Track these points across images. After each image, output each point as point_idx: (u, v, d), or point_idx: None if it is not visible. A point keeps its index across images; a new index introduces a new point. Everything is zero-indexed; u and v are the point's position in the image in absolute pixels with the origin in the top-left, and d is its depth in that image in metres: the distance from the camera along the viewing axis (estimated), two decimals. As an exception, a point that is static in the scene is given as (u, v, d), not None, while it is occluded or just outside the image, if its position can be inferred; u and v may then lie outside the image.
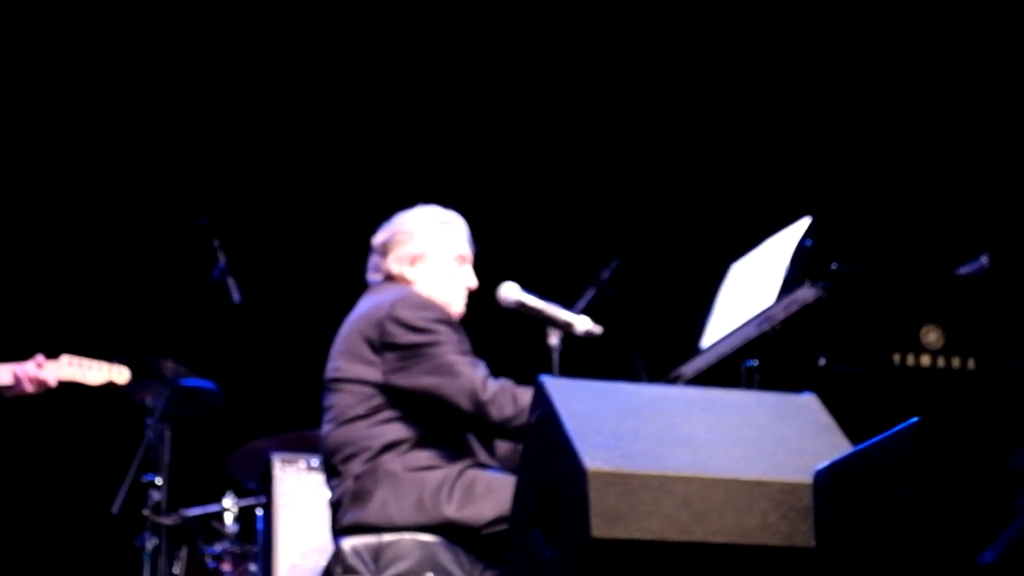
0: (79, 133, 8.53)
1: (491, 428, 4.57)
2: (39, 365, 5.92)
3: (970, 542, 2.78)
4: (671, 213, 8.82)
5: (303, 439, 6.85)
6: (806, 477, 3.40)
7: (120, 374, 6.27)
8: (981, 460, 2.84)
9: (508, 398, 4.50)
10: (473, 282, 4.92)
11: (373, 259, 4.93)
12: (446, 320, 4.67)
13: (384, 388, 4.60)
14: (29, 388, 5.90)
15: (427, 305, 4.67)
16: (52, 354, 6.07)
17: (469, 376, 4.54)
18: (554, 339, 4.83)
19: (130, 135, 8.58)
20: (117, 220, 8.49)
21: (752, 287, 4.89)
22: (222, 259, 6.94)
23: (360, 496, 4.53)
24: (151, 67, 8.57)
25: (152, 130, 8.61)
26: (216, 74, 8.68)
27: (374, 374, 4.61)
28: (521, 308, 4.90)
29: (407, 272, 4.84)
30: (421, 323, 4.61)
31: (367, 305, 4.77)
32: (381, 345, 4.61)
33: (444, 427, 4.60)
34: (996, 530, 2.77)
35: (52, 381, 5.97)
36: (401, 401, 4.59)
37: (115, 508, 6.50)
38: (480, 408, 4.50)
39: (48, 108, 8.45)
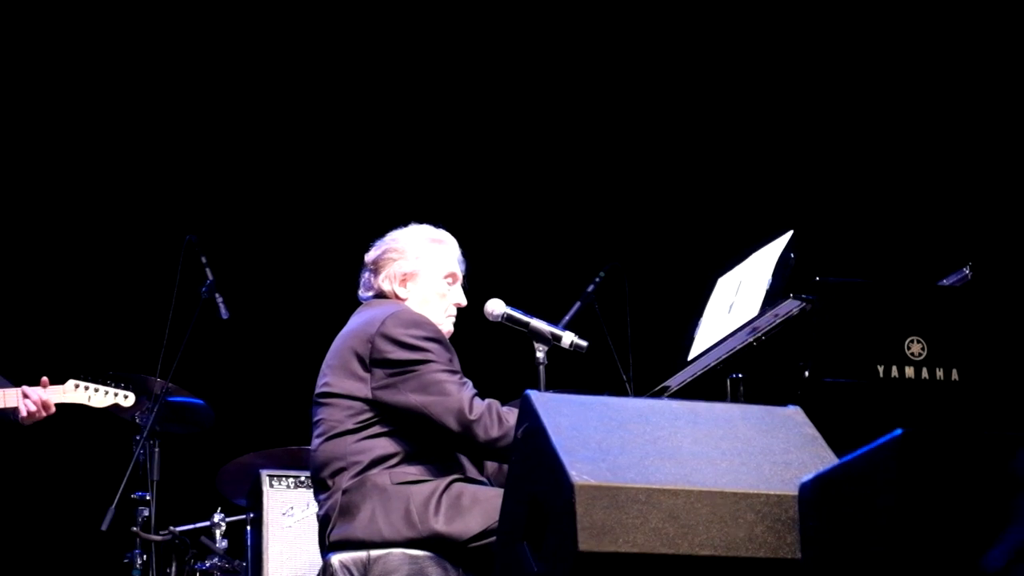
0: (66, 151, 8.53)
1: (477, 448, 4.58)
2: (44, 386, 5.90)
3: (954, 552, 2.80)
4: (657, 227, 8.84)
5: (292, 455, 6.85)
6: (792, 489, 3.42)
7: (126, 399, 6.28)
8: (965, 471, 2.85)
9: (494, 419, 4.51)
10: (463, 301, 4.94)
11: (364, 276, 4.94)
12: (437, 338, 4.67)
13: (373, 404, 4.61)
14: (36, 410, 5.86)
15: (418, 323, 4.68)
16: (42, 371, 6.08)
17: (457, 396, 4.55)
18: (541, 353, 4.84)
19: (118, 153, 8.59)
20: (105, 237, 8.49)
21: (738, 300, 4.91)
22: (210, 276, 6.95)
23: (348, 510, 4.53)
24: (139, 85, 8.58)
25: (140, 148, 8.61)
26: (203, 92, 8.69)
27: (363, 390, 4.62)
28: (508, 322, 4.91)
29: (398, 290, 4.85)
30: (411, 340, 4.61)
31: (359, 321, 4.78)
32: (371, 361, 4.62)
33: (432, 442, 4.61)
34: (980, 540, 2.78)
35: (53, 403, 5.96)
36: (390, 417, 4.59)
37: (104, 525, 6.50)
38: (466, 428, 4.52)
39: (36, 128, 8.45)
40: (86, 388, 6.12)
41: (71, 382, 6.08)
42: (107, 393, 6.20)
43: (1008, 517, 2.77)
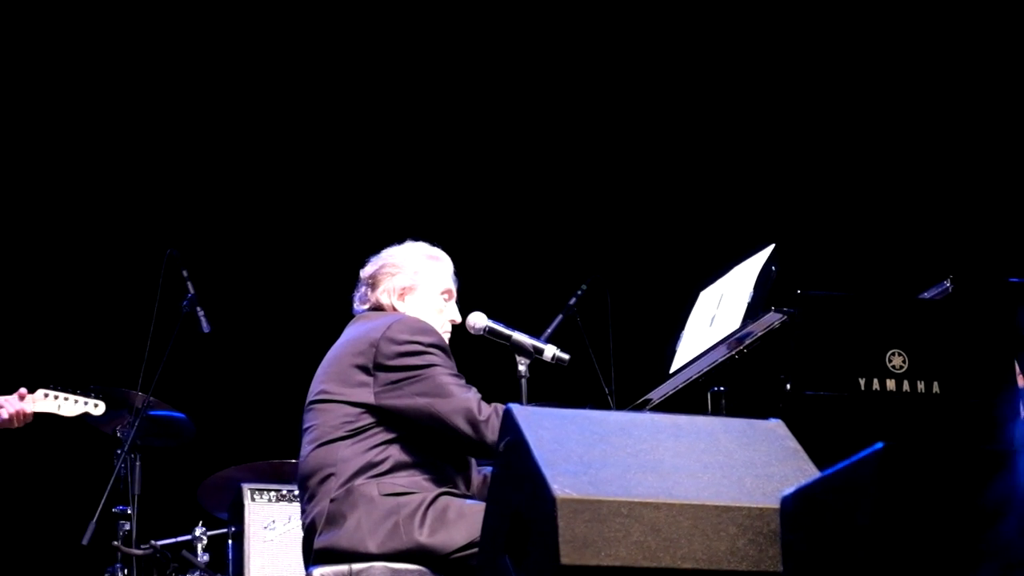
0: (47, 165, 8.51)
1: (484, 448, 4.59)
2: (21, 397, 5.99)
3: (935, 567, 2.80)
4: (639, 240, 8.85)
5: (273, 468, 6.85)
6: (774, 502, 3.42)
7: (96, 407, 6.32)
8: (945, 485, 2.85)
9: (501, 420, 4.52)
10: (458, 318, 4.96)
11: (361, 290, 4.96)
12: (441, 345, 4.70)
13: (373, 410, 4.60)
14: (10, 420, 5.96)
15: (424, 329, 4.70)
16: (23, 385, 6.11)
17: (463, 397, 4.57)
18: (522, 366, 4.85)
19: (99, 166, 8.57)
20: (86, 251, 8.48)
21: (720, 313, 4.91)
22: (191, 289, 6.94)
23: (334, 519, 4.53)
24: (121, 98, 8.57)
25: (121, 161, 8.60)
26: (184, 105, 8.68)
27: (365, 395, 4.62)
28: (489, 335, 4.92)
29: (396, 303, 4.88)
30: (417, 346, 4.64)
31: (359, 329, 4.79)
32: (375, 366, 4.62)
33: (425, 454, 4.61)
34: (961, 555, 2.79)
35: (30, 412, 6.05)
36: (388, 423, 4.60)
37: (85, 539, 6.48)
38: (476, 428, 4.53)
39: (18, 141, 8.44)
40: (55, 397, 6.19)
41: (40, 391, 6.16)
42: (76, 402, 6.26)
43: (979, 555, 2.77)
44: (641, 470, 3.51)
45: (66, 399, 6.23)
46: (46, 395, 6.17)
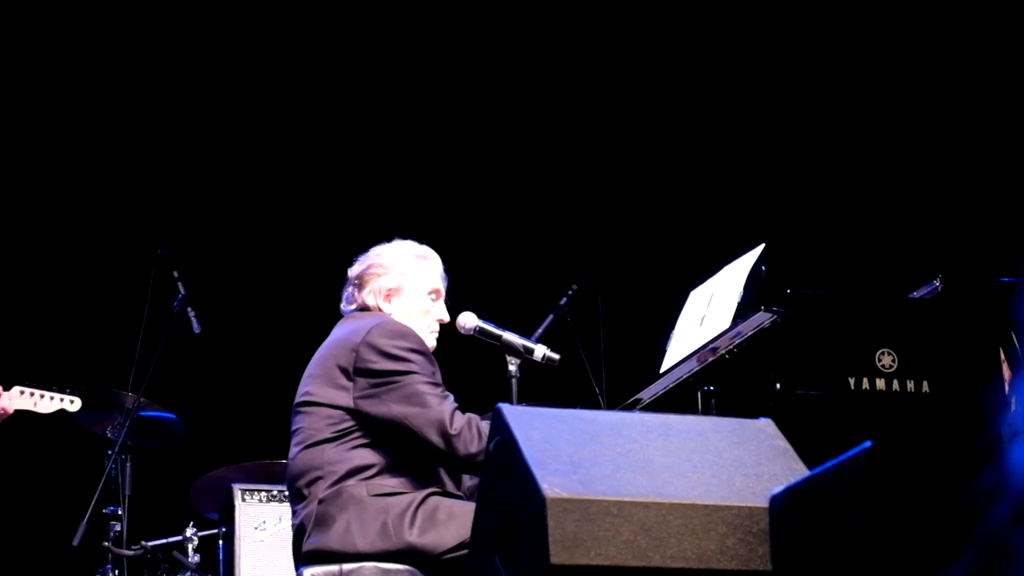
0: (37, 166, 8.50)
1: (456, 462, 4.59)
2: None
3: (923, 565, 2.81)
4: (629, 240, 8.85)
5: (264, 469, 6.85)
6: (763, 501, 3.42)
7: (72, 403, 6.33)
8: (934, 483, 2.86)
9: (474, 433, 4.51)
10: (446, 317, 4.95)
11: (348, 290, 4.95)
12: (421, 350, 4.68)
13: (354, 413, 4.60)
14: None
15: (404, 334, 4.69)
16: (8, 386, 6.12)
17: (438, 409, 4.55)
18: (513, 366, 4.84)
19: (89, 166, 8.57)
20: (76, 251, 8.47)
21: (710, 313, 4.92)
22: (182, 290, 6.94)
23: (324, 521, 4.53)
24: (111, 99, 8.56)
25: (111, 161, 8.60)
26: (173, 105, 8.67)
27: (345, 398, 4.61)
28: (480, 335, 4.92)
29: (382, 304, 4.86)
30: (396, 351, 4.62)
31: (343, 331, 4.78)
32: (355, 370, 4.62)
33: (411, 454, 4.61)
34: (949, 553, 2.79)
35: (9, 410, 6.08)
36: (369, 427, 4.59)
37: (76, 540, 6.48)
38: (447, 441, 4.52)
39: (7, 142, 8.43)
40: (32, 394, 6.20)
41: (16, 388, 6.18)
42: (52, 399, 6.28)
43: (963, 540, 2.78)
44: (631, 469, 3.52)
45: (42, 396, 6.25)
46: (22, 392, 6.18)
